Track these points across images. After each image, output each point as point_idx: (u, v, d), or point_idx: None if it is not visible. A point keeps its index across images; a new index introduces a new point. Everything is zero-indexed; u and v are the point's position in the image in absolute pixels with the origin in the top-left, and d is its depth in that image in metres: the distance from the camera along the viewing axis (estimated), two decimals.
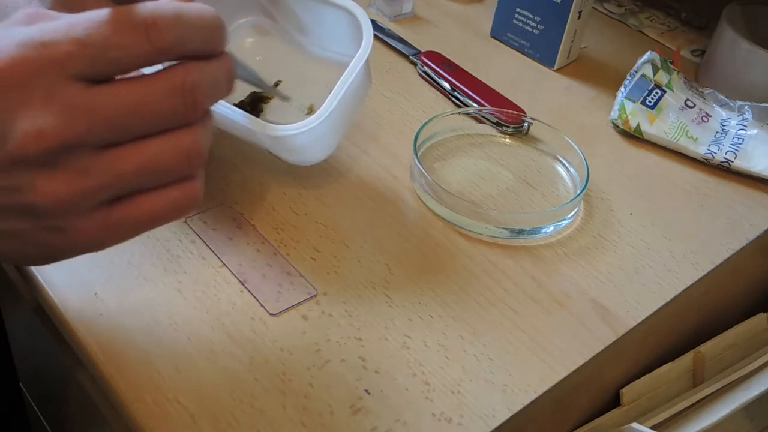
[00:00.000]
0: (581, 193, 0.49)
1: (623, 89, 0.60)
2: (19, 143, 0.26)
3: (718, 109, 0.60)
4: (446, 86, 0.61)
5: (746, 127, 0.57)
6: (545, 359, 0.41)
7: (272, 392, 0.37)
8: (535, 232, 0.48)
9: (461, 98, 0.60)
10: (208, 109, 0.30)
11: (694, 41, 0.74)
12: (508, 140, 0.57)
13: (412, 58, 0.65)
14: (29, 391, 0.72)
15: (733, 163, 0.55)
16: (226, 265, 0.43)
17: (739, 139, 0.56)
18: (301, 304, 0.42)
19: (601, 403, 0.47)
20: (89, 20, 0.26)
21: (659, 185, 0.55)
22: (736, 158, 0.55)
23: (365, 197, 0.50)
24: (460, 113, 0.58)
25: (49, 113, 0.26)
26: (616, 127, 0.60)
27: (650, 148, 0.58)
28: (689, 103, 0.59)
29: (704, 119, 0.58)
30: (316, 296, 0.42)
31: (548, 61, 0.67)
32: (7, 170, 0.27)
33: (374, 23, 0.69)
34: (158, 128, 0.28)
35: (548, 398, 0.40)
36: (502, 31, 0.69)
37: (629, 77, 0.60)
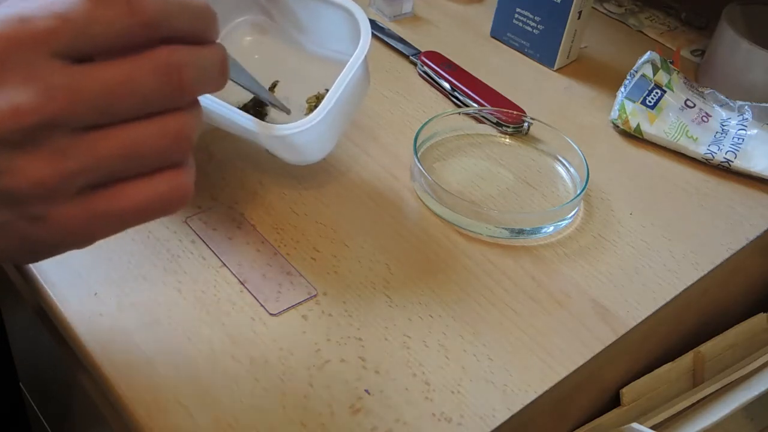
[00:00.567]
0: (581, 193, 0.49)
1: (623, 89, 0.60)
2: None
3: (718, 109, 0.60)
4: (446, 86, 0.61)
5: (746, 127, 0.57)
6: (545, 359, 0.41)
7: (272, 392, 0.37)
8: (535, 232, 0.48)
9: (461, 98, 0.60)
10: (196, 95, 0.29)
11: (694, 41, 0.74)
12: (508, 140, 0.57)
13: (412, 58, 0.65)
14: (29, 391, 0.72)
15: (733, 163, 0.55)
16: (226, 265, 0.43)
17: (739, 139, 0.56)
18: (301, 304, 0.42)
19: (601, 403, 0.47)
20: None
21: (659, 185, 0.55)
22: (736, 158, 0.55)
23: (365, 197, 0.50)
24: (460, 113, 0.58)
25: (26, 90, 0.25)
26: (616, 127, 0.60)
27: (650, 148, 0.58)
28: (689, 103, 0.59)
29: (704, 119, 0.58)
30: (316, 296, 0.42)
31: (548, 61, 0.67)
32: None
33: (374, 23, 0.69)
34: (143, 110, 0.27)
35: (548, 398, 0.40)
36: (502, 31, 0.69)
37: (629, 77, 0.60)
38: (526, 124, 0.56)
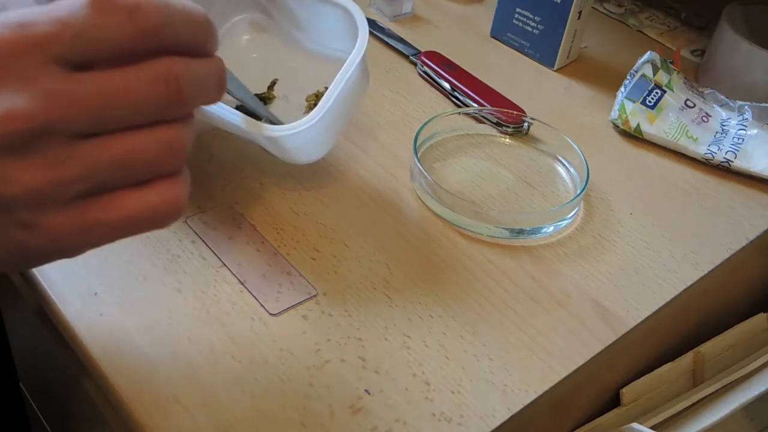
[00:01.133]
0: (581, 193, 0.49)
1: (623, 89, 0.60)
2: None
3: (718, 109, 0.60)
4: (446, 86, 0.61)
5: (746, 127, 0.57)
6: (545, 359, 0.41)
7: (272, 392, 0.37)
8: (535, 232, 0.48)
9: (461, 98, 0.60)
10: (193, 107, 0.29)
11: (694, 41, 0.74)
12: (508, 140, 0.57)
13: (412, 58, 0.65)
14: (29, 391, 0.72)
15: (733, 163, 0.55)
16: (226, 265, 0.43)
17: (739, 139, 0.56)
18: (301, 304, 0.42)
19: (601, 403, 0.47)
20: (71, 3, 0.26)
21: (659, 185, 0.55)
22: (736, 158, 0.55)
23: (365, 197, 0.50)
24: (460, 113, 0.58)
25: (22, 96, 0.25)
26: (616, 127, 0.60)
27: (650, 148, 0.58)
28: (689, 103, 0.59)
29: (704, 119, 0.58)
30: (316, 296, 0.42)
31: (548, 61, 0.67)
32: None
33: (374, 23, 0.69)
34: (140, 119, 0.27)
35: (548, 398, 0.40)
36: (502, 31, 0.69)
37: (629, 77, 0.60)
38: (526, 124, 0.56)
